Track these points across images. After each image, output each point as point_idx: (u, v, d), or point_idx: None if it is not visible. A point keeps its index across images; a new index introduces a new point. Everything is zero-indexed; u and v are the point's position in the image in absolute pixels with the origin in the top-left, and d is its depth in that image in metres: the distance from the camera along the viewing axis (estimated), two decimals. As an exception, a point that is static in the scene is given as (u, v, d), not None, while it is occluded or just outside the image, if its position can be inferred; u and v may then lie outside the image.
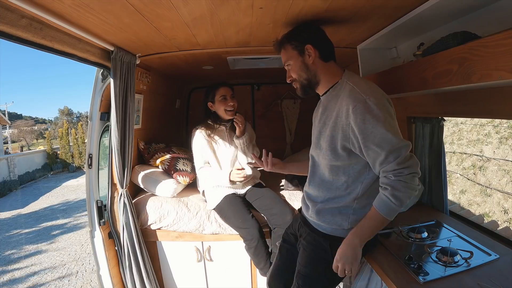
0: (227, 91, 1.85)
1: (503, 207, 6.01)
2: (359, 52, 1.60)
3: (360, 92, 1.00)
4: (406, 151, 0.96)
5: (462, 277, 1.01)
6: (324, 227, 1.16)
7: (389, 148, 0.96)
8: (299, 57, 1.11)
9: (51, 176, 11.70)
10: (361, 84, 1.05)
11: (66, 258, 3.77)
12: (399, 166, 0.95)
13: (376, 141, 0.96)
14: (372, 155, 0.99)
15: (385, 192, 0.98)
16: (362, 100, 0.98)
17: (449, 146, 8.18)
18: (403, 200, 0.96)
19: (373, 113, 0.96)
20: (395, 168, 0.96)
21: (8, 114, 19.63)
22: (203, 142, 1.81)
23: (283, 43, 1.15)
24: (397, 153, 0.95)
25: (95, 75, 1.65)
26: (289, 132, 3.33)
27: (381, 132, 0.95)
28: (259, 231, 1.68)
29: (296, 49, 1.11)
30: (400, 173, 0.95)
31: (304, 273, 1.18)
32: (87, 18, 1.04)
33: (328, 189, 1.14)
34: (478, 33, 0.91)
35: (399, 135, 0.98)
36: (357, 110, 0.97)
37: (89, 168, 1.72)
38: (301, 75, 1.13)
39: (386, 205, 0.98)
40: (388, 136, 0.95)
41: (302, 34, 1.12)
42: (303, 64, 1.11)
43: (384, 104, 0.99)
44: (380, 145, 0.96)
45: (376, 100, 0.97)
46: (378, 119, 0.95)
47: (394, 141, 0.95)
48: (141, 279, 1.71)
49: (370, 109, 0.96)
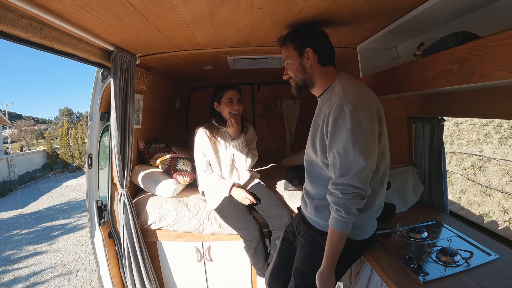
0: (235, 95, 1.84)
1: (503, 207, 6.01)
2: (359, 52, 1.60)
3: (342, 96, 1.01)
4: (358, 170, 0.96)
5: (462, 277, 1.01)
6: (322, 224, 1.17)
7: (344, 158, 0.97)
8: (298, 58, 1.14)
9: (51, 176, 11.70)
10: (348, 88, 1.05)
11: (66, 258, 3.77)
12: (347, 181, 0.97)
13: (337, 147, 0.99)
14: (331, 159, 1.02)
15: (337, 213, 1.00)
16: (340, 104, 0.99)
17: (449, 146, 8.18)
18: (355, 214, 0.99)
19: (345, 119, 0.97)
20: (342, 182, 0.98)
21: (8, 114, 19.62)
22: (206, 141, 1.82)
23: (286, 41, 1.17)
24: (349, 168, 0.97)
25: (95, 75, 1.65)
26: (289, 132, 3.33)
27: (343, 139, 0.97)
28: (259, 232, 1.68)
29: (297, 50, 1.13)
30: (346, 190, 0.97)
31: (302, 270, 1.19)
32: (87, 18, 1.04)
33: (323, 186, 1.15)
34: (478, 33, 0.92)
35: (362, 151, 0.96)
36: (333, 114, 1.00)
37: (89, 168, 1.72)
38: (297, 75, 1.16)
39: (341, 223, 1.00)
40: (348, 146, 0.96)
41: (304, 36, 1.14)
42: (301, 66, 1.14)
43: (359, 113, 0.97)
44: (339, 152, 0.98)
45: (352, 107, 0.97)
46: (346, 126, 0.96)
47: (351, 154, 0.96)
48: (141, 279, 1.71)
49: (343, 115, 0.97)
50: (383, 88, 1.43)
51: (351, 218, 0.99)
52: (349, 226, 1.01)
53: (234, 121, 1.82)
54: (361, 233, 1.16)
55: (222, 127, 1.89)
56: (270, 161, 2.99)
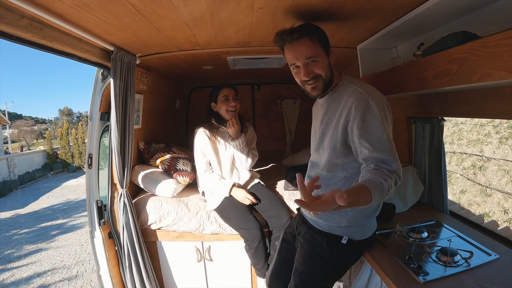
0: (230, 92, 1.85)
1: (503, 207, 6.01)
2: (359, 52, 1.60)
3: (363, 92, 1.02)
4: (395, 164, 0.94)
5: (462, 277, 1.01)
6: (322, 224, 1.17)
7: (381, 149, 0.96)
8: (326, 56, 1.08)
9: (51, 176, 11.70)
10: (363, 85, 1.08)
11: (66, 258, 3.77)
12: (389, 168, 0.95)
13: (370, 140, 0.97)
14: (364, 152, 0.99)
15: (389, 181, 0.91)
16: (365, 99, 1.00)
17: (449, 146, 8.18)
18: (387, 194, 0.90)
19: (373, 112, 0.98)
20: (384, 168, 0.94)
21: (8, 114, 19.62)
22: (206, 141, 1.82)
23: (313, 34, 1.04)
24: (385, 160, 0.95)
25: (95, 75, 1.65)
26: (289, 132, 3.33)
27: (377, 132, 0.97)
28: (260, 231, 1.68)
29: (323, 48, 1.07)
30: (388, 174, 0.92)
31: (301, 270, 1.19)
32: (87, 18, 1.04)
33: (327, 185, 1.15)
34: (478, 33, 0.92)
35: (392, 143, 0.97)
36: (359, 108, 0.99)
37: (89, 168, 1.72)
38: (327, 74, 1.08)
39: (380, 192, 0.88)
40: (383, 138, 0.96)
41: (325, 36, 1.09)
42: (329, 64, 1.09)
43: (383, 107, 1.01)
44: (374, 145, 0.97)
45: (377, 101, 1.00)
46: (377, 119, 0.97)
47: (387, 145, 0.96)
48: (141, 279, 1.71)
49: (371, 109, 0.98)
50: (383, 88, 1.42)
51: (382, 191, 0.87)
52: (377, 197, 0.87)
53: (235, 121, 1.82)
54: (362, 233, 1.16)
55: (222, 127, 1.89)
56: (270, 161, 2.99)
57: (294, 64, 1.08)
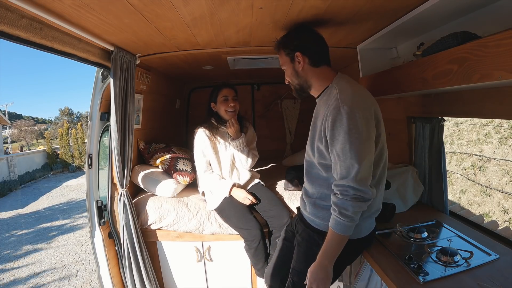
0: (229, 92, 1.85)
1: (503, 207, 6.01)
2: (359, 52, 1.60)
3: (338, 99, 1.02)
4: (355, 173, 0.96)
5: (462, 277, 1.01)
6: (318, 223, 1.17)
7: (343, 160, 0.98)
8: (290, 63, 1.16)
9: (51, 176, 11.70)
10: (345, 90, 1.05)
11: (66, 258, 3.77)
12: (347, 183, 0.98)
13: (337, 149, 1.00)
14: (333, 161, 1.04)
15: (334, 213, 1.01)
16: (337, 107, 1.00)
17: (449, 146, 8.18)
18: (352, 217, 0.99)
19: (342, 121, 0.98)
20: (343, 184, 0.99)
21: (8, 114, 19.63)
22: (206, 141, 1.82)
23: (279, 47, 1.19)
24: (347, 170, 0.98)
25: (95, 75, 1.65)
26: (289, 132, 3.33)
27: (341, 141, 0.98)
28: (260, 231, 1.68)
29: (288, 56, 1.16)
30: (345, 191, 0.98)
31: (299, 269, 1.20)
32: (87, 18, 1.04)
33: (323, 185, 1.15)
34: (478, 33, 0.92)
35: (358, 153, 0.96)
36: (330, 116, 1.01)
37: (89, 168, 1.72)
38: (293, 80, 1.18)
39: (338, 225, 1.01)
40: (346, 148, 0.97)
41: (292, 41, 1.15)
42: (294, 71, 1.16)
43: (354, 115, 0.97)
44: (338, 154, 1.00)
45: (349, 109, 0.98)
46: (343, 128, 0.97)
47: (348, 155, 0.97)
48: (141, 279, 1.71)
49: (340, 117, 0.98)
50: (383, 88, 1.43)
51: (348, 220, 0.99)
52: (348, 228, 1.01)
53: (234, 121, 1.82)
54: (357, 232, 1.16)
55: (222, 127, 1.89)
56: (270, 161, 2.99)
57: None
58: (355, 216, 0.99)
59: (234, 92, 1.87)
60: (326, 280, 1.05)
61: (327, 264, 1.05)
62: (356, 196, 0.98)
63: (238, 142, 1.85)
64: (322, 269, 1.04)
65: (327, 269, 1.05)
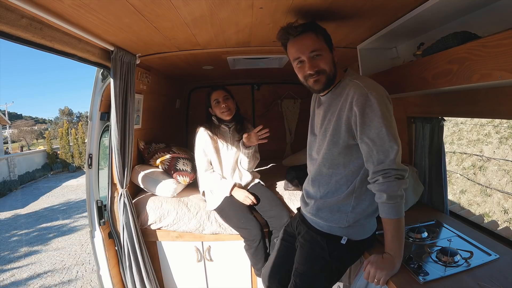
0: (219, 95, 1.83)
1: (503, 207, 6.01)
2: (359, 52, 1.60)
3: (363, 87, 1.02)
4: (395, 154, 0.98)
5: (462, 277, 1.01)
6: (322, 224, 1.17)
7: (380, 145, 0.98)
8: (330, 52, 1.09)
9: (51, 176, 11.70)
10: (365, 80, 1.07)
11: (66, 258, 3.77)
12: (388, 166, 0.98)
13: (370, 135, 0.99)
14: (365, 148, 1.03)
15: (383, 201, 1.00)
16: (364, 93, 1.00)
17: (449, 146, 8.18)
18: (402, 195, 0.99)
19: (373, 107, 0.98)
20: (383, 168, 0.99)
21: (8, 114, 19.63)
22: (207, 140, 1.82)
23: (318, 30, 1.07)
24: (386, 153, 0.98)
25: (95, 75, 1.65)
26: (289, 132, 3.33)
27: (376, 126, 0.98)
28: (261, 231, 1.68)
29: (327, 44, 1.08)
30: (387, 174, 0.98)
31: (302, 270, 1.19)
32: (87, 18, 1.04)
33: (326, 184, 1.15)
34: (478, 33, 0.92)
35: (394, 135, 0.99)
36: (358, 103, 1.00)
37: (89, 168, 1.72)
38: (331, 69, 1.08)
39: (393, 209, 0.99)
40: (382, 132, 0.97)
41: (328, 35, 1.10)
42: (333, 60, 1.09)
43: (384, 100, 1.00)
44: (373, 140, 0.99)
45: (377, 95, 0.99)
46: (376, 113, 0.98)
47: (386, 139, 0.98)
48: (141, 279, 1.71)
49: (370, 103, 0.98)
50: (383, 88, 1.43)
51: (400, 199, 0.98)
52: (402, 209, 1.00)
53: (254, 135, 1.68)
54: (361, 233, 1.16)
55: (223, 126, 1.89)
56: (270, 161, 2.99)
57: (298, 58, 1.07)
58: (403, 194, 0.99)
59: (224, 92, 1.85)
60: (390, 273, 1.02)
61: (398, 254, 1.02)
62: (398, 175, 0.98)
63: (250, 151, 1.80)
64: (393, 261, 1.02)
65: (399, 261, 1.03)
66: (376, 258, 1.05)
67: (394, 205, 0.98)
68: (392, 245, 1.03)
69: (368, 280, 1.06)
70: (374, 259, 1.05)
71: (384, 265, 1.02)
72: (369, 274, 1.04)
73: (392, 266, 1.02)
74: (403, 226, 1.02)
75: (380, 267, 1.02)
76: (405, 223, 1.39)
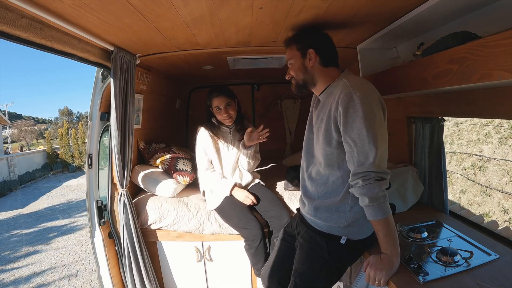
0: (221, 102, 1.76)
1: (503, 207, 6.01)
2: (359, 52, 1.60)
3: (349, 86, 1.03)
4: (374, 157, 0.97)
5: (462, 277, 1.01)
6: (321, 224, 1.17)
7: (361, 146, 0.98)
8: (300, 58, 1.16)
9: (51, 176, 11.70)
10: (354, 80, 1.08)
11: (66, 258, 3.77)
12: (367, 169, 0.98)
13: (352, 136, 0.99)
14: (347, 148, 1.03)
15: (365, 203, 1.00)
16: (349, 93, 1.00)
17: (449, 146, 8.18)
18: (384, 195, 0.99)
19: (356, 107, 0.98)
20: (363, 171, 0.98)
21: (8, 114, 19.62)
22: (208, 140, 1.81)
23: (290, 42, 1.20)
24: (366, 155, 0.98)
25: (95, 75, 1.65)
26: (289, 132, 3.33)
27: (357, 127, 0.98)
28: (261, 231, 1.68)
29: (300, 51, 1.16)
30: (367, 176, 0.98)
31: (301, 270, 1.19)
32: (87, 18, 1.04)
33: (324, 184, 1.15)
34: (478, 33, 0.92)
35: (374, 137, 0.97)
36: (343, 103, 1.00)
37: (89, 168, 1.72)
38: (298, 75, 1.18)
39: (378, 211, 0.99)
40: (363, 133, 0.97)
41: (308, 38, 1.17)
42: (303, 66, 1.17)
43: (368, 100, 0.99)
44: (355, 140, 0.99)
45: (361, 95, 0.99)
46: (358, 114, 0.97)
47: (366, 140, 0.97)
48: (141, 279, 1.71)
49: (353, 103, 0.98)
50: (383, 88, 1.42)
51: (382, 201, 0.98)
52: (387, 208, 1.00)
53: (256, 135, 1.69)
54: (361, 232, 1.16)
55: (223, 127, 1.89)
56: (270, 161, 2.99)
57: None
58: (385, 193, 0.99)
59: (225, 98, 1.76)
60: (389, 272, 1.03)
61: (395, 253, 1.03)
62: (378, 178, 0.98)
63: (250, 151, 1.79)
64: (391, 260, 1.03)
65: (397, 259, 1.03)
66: (374, 259, 1.05)
67: (378, 206, 0.99)
68: (387, 245, 1.03)
69: (369, 283, 1.06)
70: (373, 260, 1.05)
71: (383, 265, 1.02)
72: (369, 277, 1.05)
73: (390, 265, 1.02)
74: (392, 224, 1.02)
75: (379, 268, 1.02)
76: (405, 223, 1.41)
